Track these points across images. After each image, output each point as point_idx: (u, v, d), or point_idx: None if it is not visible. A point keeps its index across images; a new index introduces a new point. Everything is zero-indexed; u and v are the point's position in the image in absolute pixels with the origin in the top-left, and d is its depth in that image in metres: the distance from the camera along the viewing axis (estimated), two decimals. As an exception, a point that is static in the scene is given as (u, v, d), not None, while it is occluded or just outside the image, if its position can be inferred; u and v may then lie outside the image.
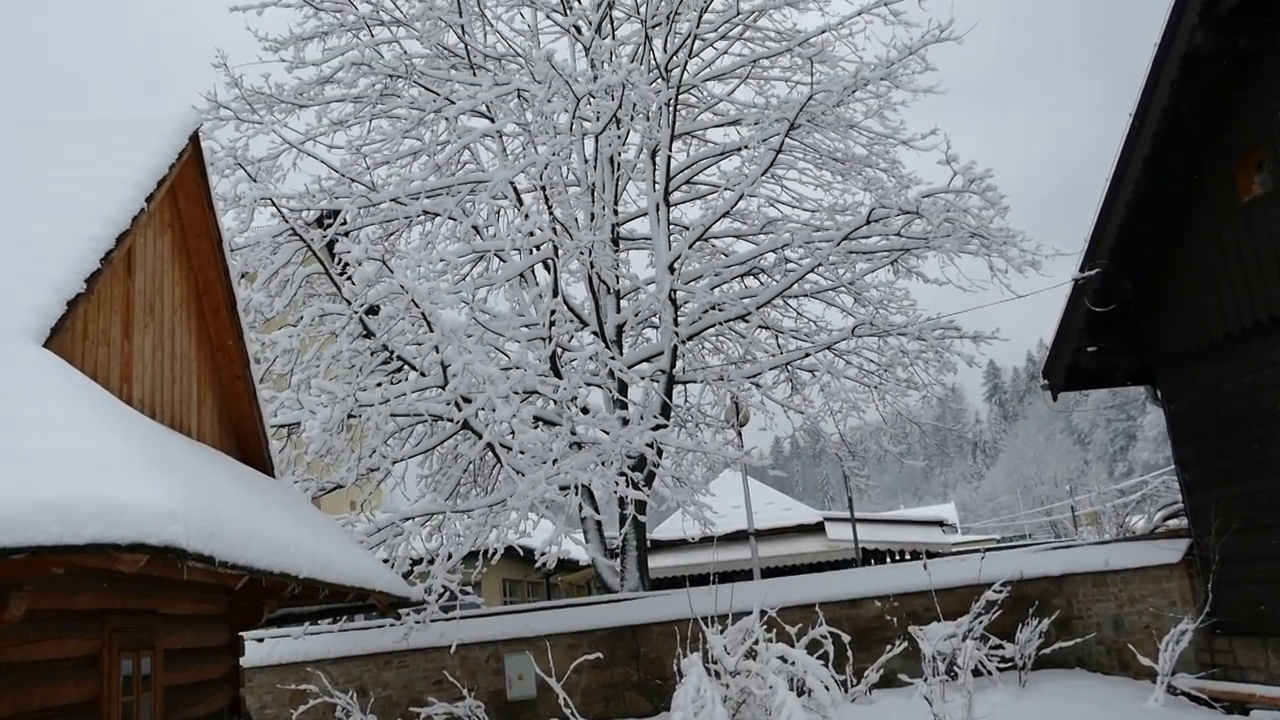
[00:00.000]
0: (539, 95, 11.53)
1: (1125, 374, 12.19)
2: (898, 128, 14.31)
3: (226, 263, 8.75)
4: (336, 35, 13.75)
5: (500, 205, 13.15)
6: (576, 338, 14.35)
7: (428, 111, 13.64)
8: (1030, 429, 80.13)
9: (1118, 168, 10.80)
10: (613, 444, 11.69)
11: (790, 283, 13.85)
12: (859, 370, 15.09)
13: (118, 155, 6.98)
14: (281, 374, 12.72)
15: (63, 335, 5.51)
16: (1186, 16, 9.75)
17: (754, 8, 14.26)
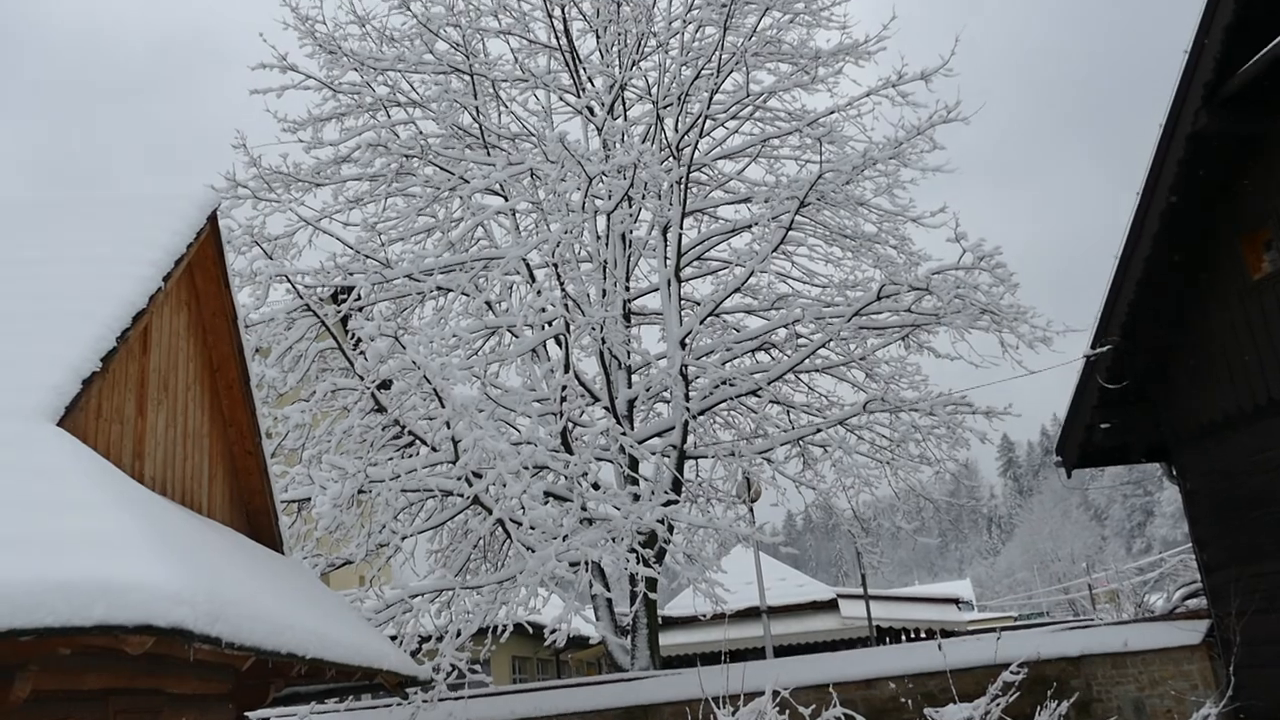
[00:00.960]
0: (552, 175, 11.72)
1: (1140, 451, 12.12)
2: (907, 205, 14.46)
3: (241, 339, 8.83)
4: (354, 116, 14.04)
5: (513, 281, 13.28)
6: (588, 413, 14.35)
7: (442, 189, 13.87)
8: (1046, 504, 79.29)
9: (1126, 246, 10.87)
10: (624, 520, 11.62)
11: (801, 358, 13.88)
12: (871, 446, 15.03)
13: (138, 235, 7.09)
14: (293, 449, 12.74)
15: (77, 414, 5.55)
16: (1190, 99, 9.90)
17: (764, 89, 14.53)
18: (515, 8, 15.24)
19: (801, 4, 14.58)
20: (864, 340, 14.18)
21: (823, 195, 13.79)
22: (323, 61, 14.03)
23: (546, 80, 14.66)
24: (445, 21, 14.08)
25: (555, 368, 12.44)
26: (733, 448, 13.97)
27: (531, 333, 12.73)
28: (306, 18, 13.94)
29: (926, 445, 14.70)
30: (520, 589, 12.19)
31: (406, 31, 14.41)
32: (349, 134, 13.80)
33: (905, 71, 13.70)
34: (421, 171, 14.08)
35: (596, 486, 12.43)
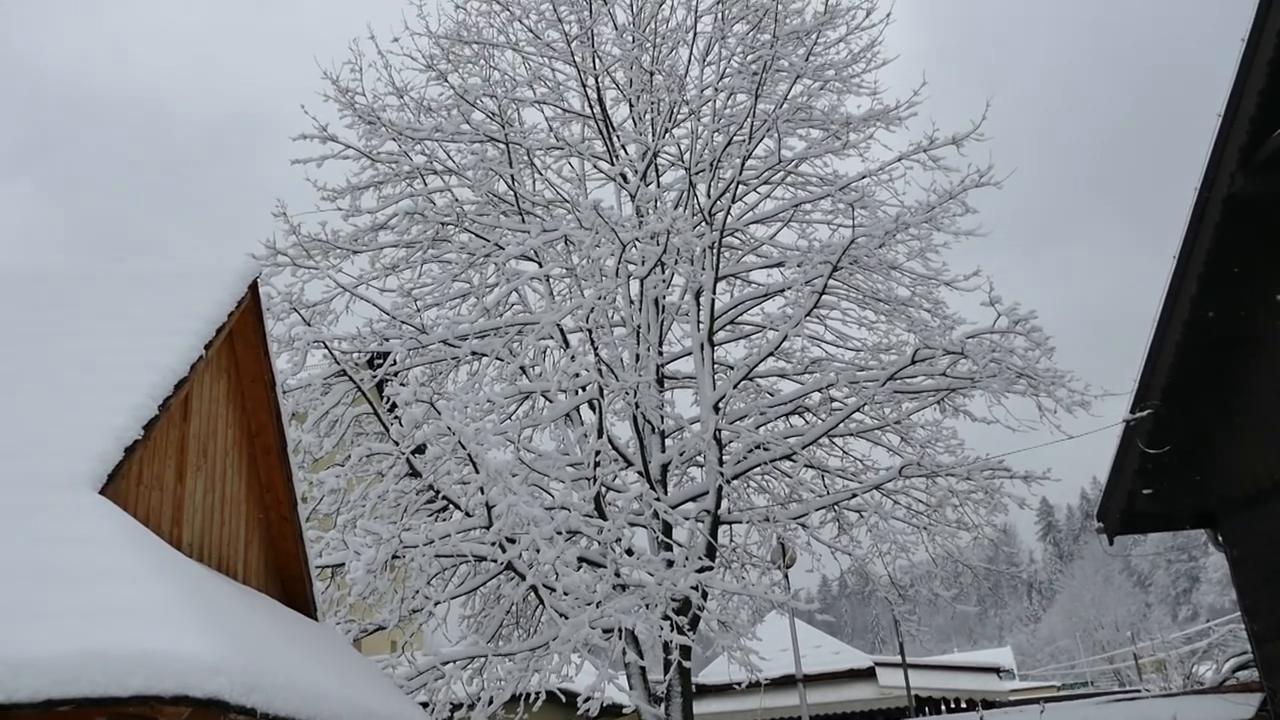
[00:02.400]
0: (586, 241, 11.85)
1: (1184, 518, 11.88)
2: (940, 269, 14.44)
3: (279, 405, 8.93)
4: (391, 184, 14.30)
5: (547, 346, 13.36)
6: (621, 478, 14.31)
7: (477, 256, 14.04)
8: (1088, 569, 77.68)
9: (1164, 309, 10.78)
10: (657, 586, 11.51)
11: (836, 422, 13.79)
12: (908, 511, 14.83)
13: (183, 303, 7.24)
14: (328, 514, 12.78)
15: (118, 481, 5.62)
16: (1226, 162, 9.87)
17: (796, 155, 14.66)
18: (550, 78, 15.54)
19: (832, 71, 14.76)
20: (899, 404, 14.08)
21: (855, 259, 13.81)
22: (362, 131, 14.33)
23: (580, 148, 14.89)
24: (482, 92, 14.38)
25: (589, 432, 12.45)
26: (767, 513, 13.85)
27: (565, 398, 12.76)
28: (347, 90, 14.28)
29: (964, 510, 14.50)
30: (553, 656, 12.06)
31: (444, 102, 14.72)
32: (386, 202, 14.05)
33: (936, 136, 13.77)
34: (457, 238, 14.27)
35: (630, 552, 12.35)
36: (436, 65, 14.93)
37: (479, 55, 15.23)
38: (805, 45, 14.46)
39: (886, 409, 14.27)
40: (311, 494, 12.66)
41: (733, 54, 15.07)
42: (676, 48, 15.44)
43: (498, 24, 15.53)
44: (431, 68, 14.93)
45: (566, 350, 12.91)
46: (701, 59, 15.30)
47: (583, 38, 14.81)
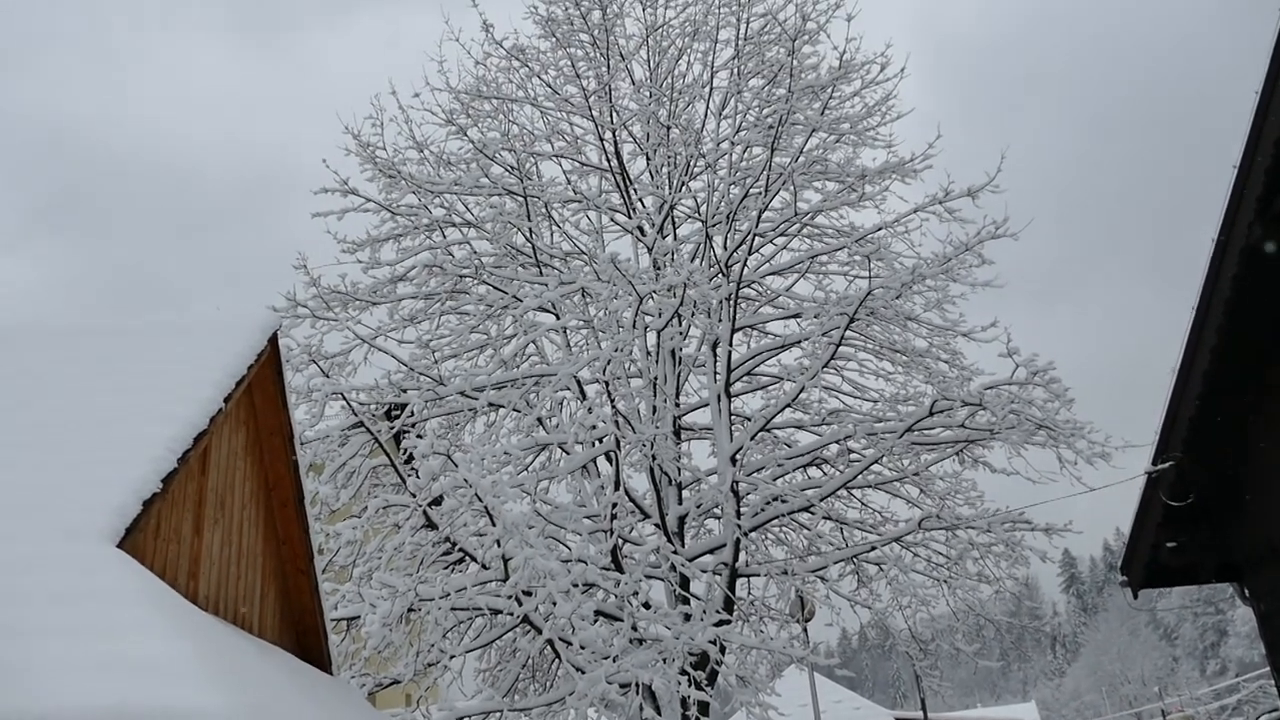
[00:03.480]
0: (603, 293, 11.91)
1: (1210, 570, 11.69)
2: (957, 320, 14.42)
3: (296, 457, 8.95)
4: (411, 236, 14.45)
5: (563, 397, 13.37)
6: (638, 529, 14.24)
7: (495, 307, 14.13)
8: (1112, 622, 76.41)
9: (1184, 360, 10.70)
10: (675, 641, 11.39)
11: (854, 474, 13.71)
12: (928, 564, 14.68)
13: (202, 357, 7.29)
14: (344, 566, 12.74)
15: (136, 535, 5.63)
16: (1243, 213, 9.85)
17: (811, 207, 14.75)
18: (568, 132, 15.74)
19: (848, 125, 14.89)
20: (918, 456, 14.00)
21: (872, 311, 13.82)
22: (382, 185, 14.52)
23: (598, 201, 15.03)
24: (501, 146, 14.57)
25: (606, 484, 12.41)
26: (786, 565, 13.74)
27: (582, 449, 12.75)
28: (368, 144, 14.50)
29: (985, 563, 14.34)
30: (569, 711, 11.91)
31: (463, 156, 14.92)
32: (406, 254, 14.19)
33: (952, 188, 13.85)
34: (475, 290, 14.37)
35: (647, 606, 12.23)
36: (456, 120, 15.15)
37: (498, 110, 15.46)
38: (820, 99, 14.60)
39: (905, 460, 14.18)
40: (328, 546, 12.63)
41: (748, 108, 15.23)
42: (693, 102, 15.62)
43: (517, 80, 15.78)
44: (451, 122, 15.15)
45: (583, 402, 12.92)
46: (718, 113, 15.47)
47: (600, 93, 15.01)
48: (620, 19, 15.60)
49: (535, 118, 15.83)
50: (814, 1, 14.96)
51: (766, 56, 15.12)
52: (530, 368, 13.39)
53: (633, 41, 15.78)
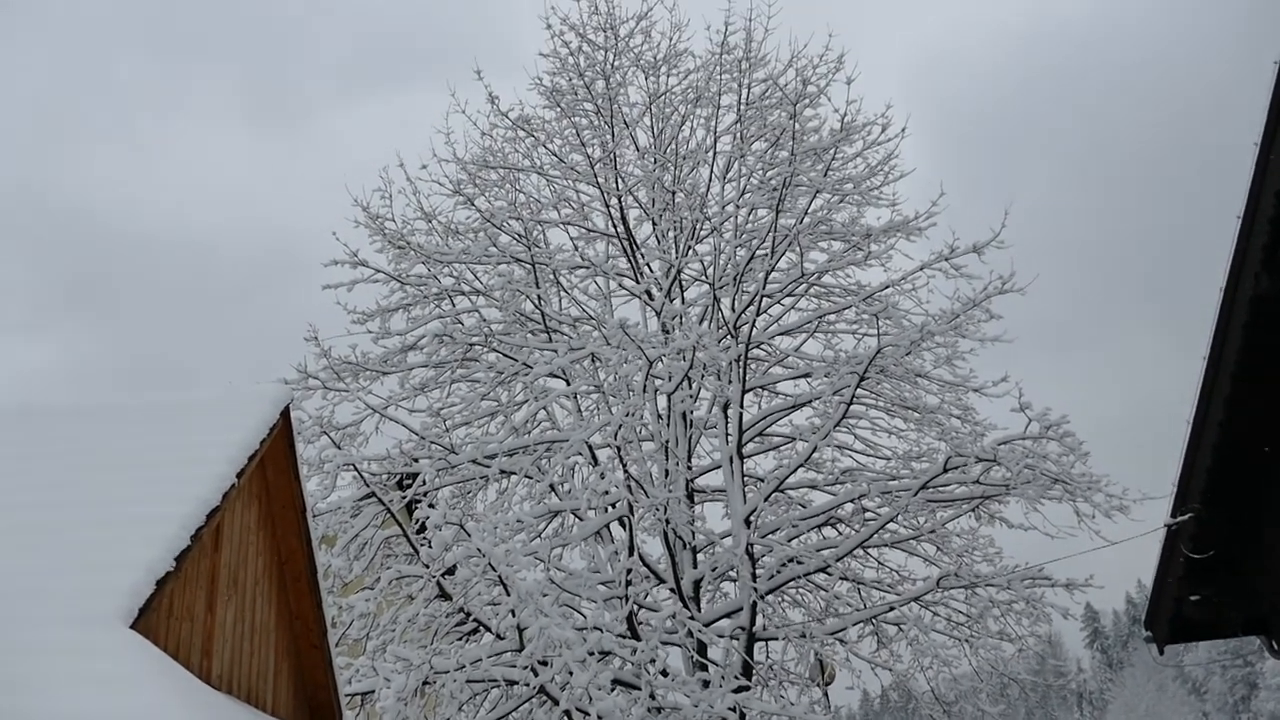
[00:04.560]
0: (613, 359, 11.94)
1: (1236, 624, 11.48)
2: (968, 375, 14.40)
3: (309, 530, 8.92)
4: (420, 306, 14.55)
5: (575, 463, 13.33)
6: (653, 595, 14.10)
7: (505, 375, 14.16)
8: (1139, 677, 74.86)
9: (1198, 412, 10.63)
10: (694, 709, 11.22)
11: (870, 533, 13.59)
12: (948, 623, 14.46)
13: (216, 432, 7.31)
14: (357, 639, 12.63)
15: (150, 615, 5.60)
16: (1249, 263, 9.86)
17: (818, 268, 14.83)
18: (574, 199, 15.92)
19: (851, 185, 15.03)
20: (933, 513, 13.87)
21: (882, 369, 13.81)
22: (391, 256, 14.66)
23: (605, 267, 15.14)
24: (508, 215, 14.73)
25: (620, 550, 12.32)
26: (803, 628, 13.55)
27: (595, 515, 12.68)
28: (377, 216, 14.68)
29: (1006, 621, 14.12)
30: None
31: (471, 225, 15.08)
32: (415, 323, 14.27)
33: (957, 245, 13.90)
34: (485, 358, 14.42)
35: (665, 673, 12.07)
36: (464, 190, 15.35)
37: (505, 179, 15.67)
38: (823, 161, 14.76)
39: (921, 518, 14.05)
40: (341, 619, 12.51)
41: (752, 171, 15.41)
42: (697, 166, 15.80)
43: (522, 149, 16.00)
44: (459, 192, 15.35)
45: (595, 467, 12.89)
46: (722, 177, 15.65)
47: (605, 160, 15.21)
48: (623, 87, 15.87)
49: (541, 186, 16.03)
50: (814, 66, 15.21)
51: (768, 120, 15.32)
52: (541, 434, 13.38)
53: (636, 109, 16.02)
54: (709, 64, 15.89)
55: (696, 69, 16.17)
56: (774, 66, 15.58)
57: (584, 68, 15.77)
